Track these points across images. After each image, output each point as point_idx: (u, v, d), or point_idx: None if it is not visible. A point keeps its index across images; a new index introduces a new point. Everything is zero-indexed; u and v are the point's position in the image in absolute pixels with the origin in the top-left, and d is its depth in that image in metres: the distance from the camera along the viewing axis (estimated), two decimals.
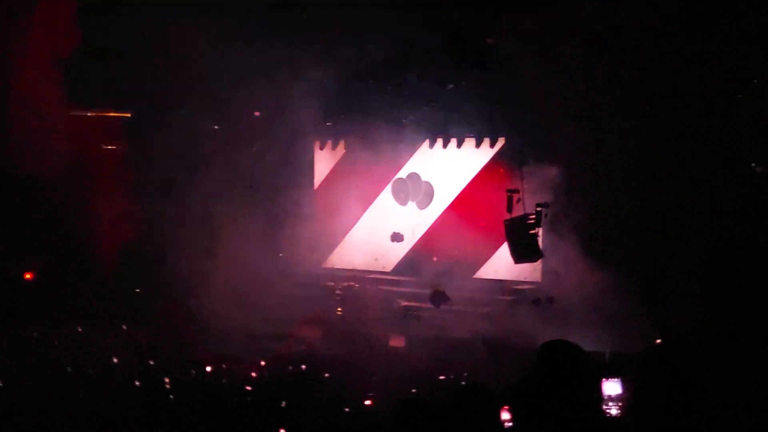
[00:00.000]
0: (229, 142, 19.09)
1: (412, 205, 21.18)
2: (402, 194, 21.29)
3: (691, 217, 15.54)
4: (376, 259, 21.25)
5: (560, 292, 17.05)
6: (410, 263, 20.72)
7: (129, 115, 19.32)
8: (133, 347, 16.62)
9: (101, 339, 16.76)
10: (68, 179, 17.32)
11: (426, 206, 21.01)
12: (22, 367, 14.04)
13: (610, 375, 10.39)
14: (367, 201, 21.58)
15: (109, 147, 19.48)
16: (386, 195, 21.47)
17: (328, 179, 22.21)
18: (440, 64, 17.88)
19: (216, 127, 19.30)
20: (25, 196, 17.52)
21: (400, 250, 21.21)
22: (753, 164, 15.22)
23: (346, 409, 12.35)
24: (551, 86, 16.73)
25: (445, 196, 20.76)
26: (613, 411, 9.72)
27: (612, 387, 10.25)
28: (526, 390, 4.62)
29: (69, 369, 14.19)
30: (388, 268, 21.25)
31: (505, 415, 5.15)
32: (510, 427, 4.99)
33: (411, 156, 21.03)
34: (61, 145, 17.10)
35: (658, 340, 13.84)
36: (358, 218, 21.71)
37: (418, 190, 21.10)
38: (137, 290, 19.64)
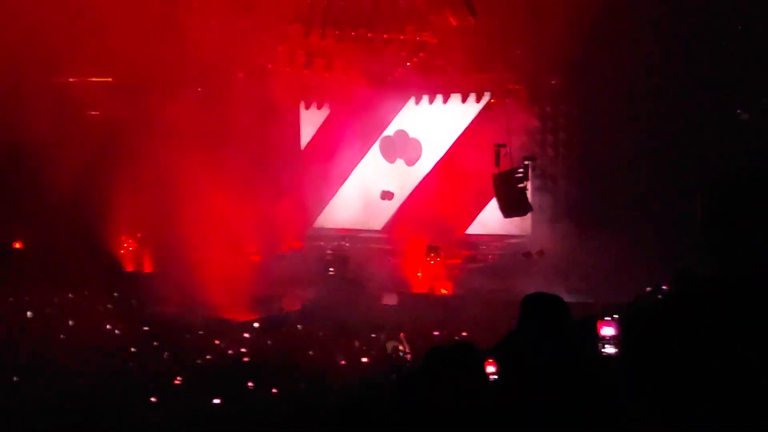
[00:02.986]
0: (212, 105, 19.01)
1: (400, 162, 21.24)
2: (390, 152, 21.33)
3: (680, 166, 15.64)
4: (366, 218, 21.36)
5: (550, 244, 17.21)
6: (401, 221, 20.80)
7: (110, 80, 19.20)
8: (126, 313, 16.73)
9: (94, 306, 16.88)
10: (56, 148, 17.27)
11: (414, 163, 21.07)
12: (15, 333, 14.15)
13: (605, 317, 10.67)
14: (355, 159, 21.62)
15: (93, 113, 19.39)
16: (374, 153, 21.51)
17: (314, 139, 22.21)
18: (424, 18, 17.84)
19: (199, 89, 19.19)
20: (11, 165, 17.49)
21: (390, 207, 21.30)
22: (738, 111, 15.29)
23: (342, 362, 12.51)
24: (537, 39, 16.71)
25: (433, 152, 20.81)
26: (609, 350, 10.05)
27: (608, 329, 10.55)
28: (512, 342, 4.75)
29: (62, 336, 14.28)
30: (379, 226, 21.35)
31: (491, 368, 5.27)
32: (495, 380, 5.10)
33: (397, 113, 21.03)
34: (46, 112, 17.02)
35: (648, 288, 14.05)
36: (347, 177, 21.76)
37: (405, 147, 21.14)
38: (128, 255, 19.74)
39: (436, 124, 20.59)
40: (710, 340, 4.29)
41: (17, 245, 19.01)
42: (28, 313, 16.00)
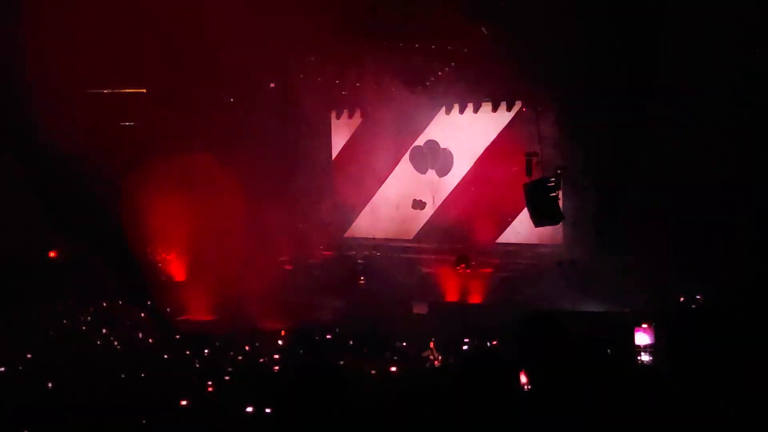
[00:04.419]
0: (244, 115, 19.12)
1: (431, 172, 21.19)
2: (421, 162, 21.29)
3: (718, 174, 15.45)
4: (397, 227, 21.32)
5: (582, 253, 17.05)
6: (432, 230, 20.77)
7: (143, 90, 19.38)
8: (159, 322, 16.85)
9: (127, 314, 17.02)
10: (90, 158, 17.47)
11: (446, 174, 21.01)
12: (50, 341, 14.30)
13: (641, 325, 10.57)
14: (387, 169, 21.60)
15: (127, 124, 19.59)
16: (405, 163, 21.49)
17: (345, 149, 22.24)
18: (454, 27, 17.79)
19: (231, 99, 19.32)
20: (46, 175, 17.70)
21: (422, 217, 21.25)
22: None
23: (372, 372, 12.49)
24: (568, 45, 16.58)
25: (464, 162, 20.74)
26: (645, 358, 9.96)
27: (643, 337, 10.46)
28: (543, 352, 4.71)
29: (98, 342, 14.44)
30: (410, 236, 21.31)
31: (524, 379, 5.25)
32: (529, 390, 5.06)
33: (428, 123, 21.00)
34: (81, 122, 17.21)
35: (682, 298, 13.93)
36: (378, 187, 21.75)
37: (437, 158, 21.09)
38: (160, 264, 19.87)
39: (467, 133, 20.51)
40: (749, 351, 4.22)
41: (52, 255, 19.21)
42: (64, 321, 16.19)
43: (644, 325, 11.12)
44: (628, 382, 4.72)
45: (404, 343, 14.66)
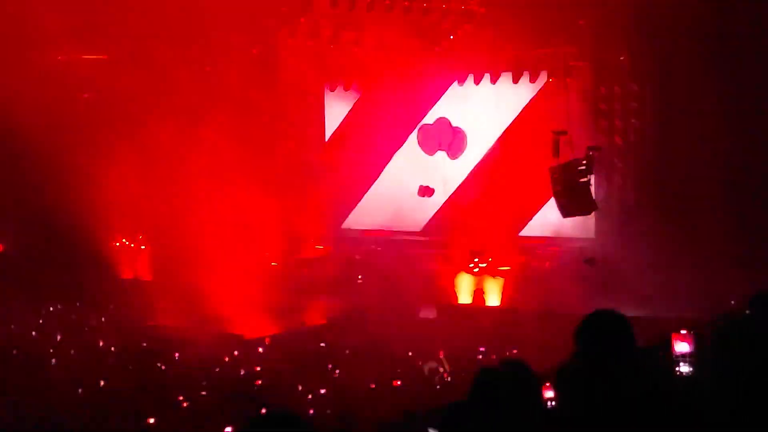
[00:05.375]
0: (222, 87, 19.11)
1: (441, 155, 21.20)
2: (430, 142, 21.29)
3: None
4: (402, 218, 21.36)
5: (618, 249, 17.07)
6: (441, 222, 20.77)
7: (104, 57, 19.35)
8: (123, 327, 16.88)
9: (86, 318, 17.04)
10: (43, 135, 17.51)
11: (458, 156, 21.01)
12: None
13: (680, 332, 10.67)
14: (389, 151, 21.61)
15: (85, 96, 19.59)
16: (411, 144, 21.49)
17: (341, 127, 22.25)
18: None
19: (206, 68, 19.31)
20: None
21: (430, 206, 21.26)
22: None
23: (373, 386, 12.53)
24: (603, 6, 16.57)
25: (480, 142, 20.73)
26: (684, 369, 10.07)
27: (682, 344, 10.58)
28: (572, 366, 4.71)
29: (51, 350, 14.47)
30: (417, 228, 21.33)
31: (549, 393, 5.25)
32: (554, 407, 5.07)
33: (439, 97, 20.99)
34: (31, 95, 17.23)
35: (733, 302, 13.91)
36: (380, 172, 21.76)
37: (448, 137, 21.10)
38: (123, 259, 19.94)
39: (484, 109, 20.50)
40: None
41: None
42: (11, 326, 16.21)
43: (683, 332, 11.19)
44: (669, 397, 4.71)
45: (409, 353, 14.69)
